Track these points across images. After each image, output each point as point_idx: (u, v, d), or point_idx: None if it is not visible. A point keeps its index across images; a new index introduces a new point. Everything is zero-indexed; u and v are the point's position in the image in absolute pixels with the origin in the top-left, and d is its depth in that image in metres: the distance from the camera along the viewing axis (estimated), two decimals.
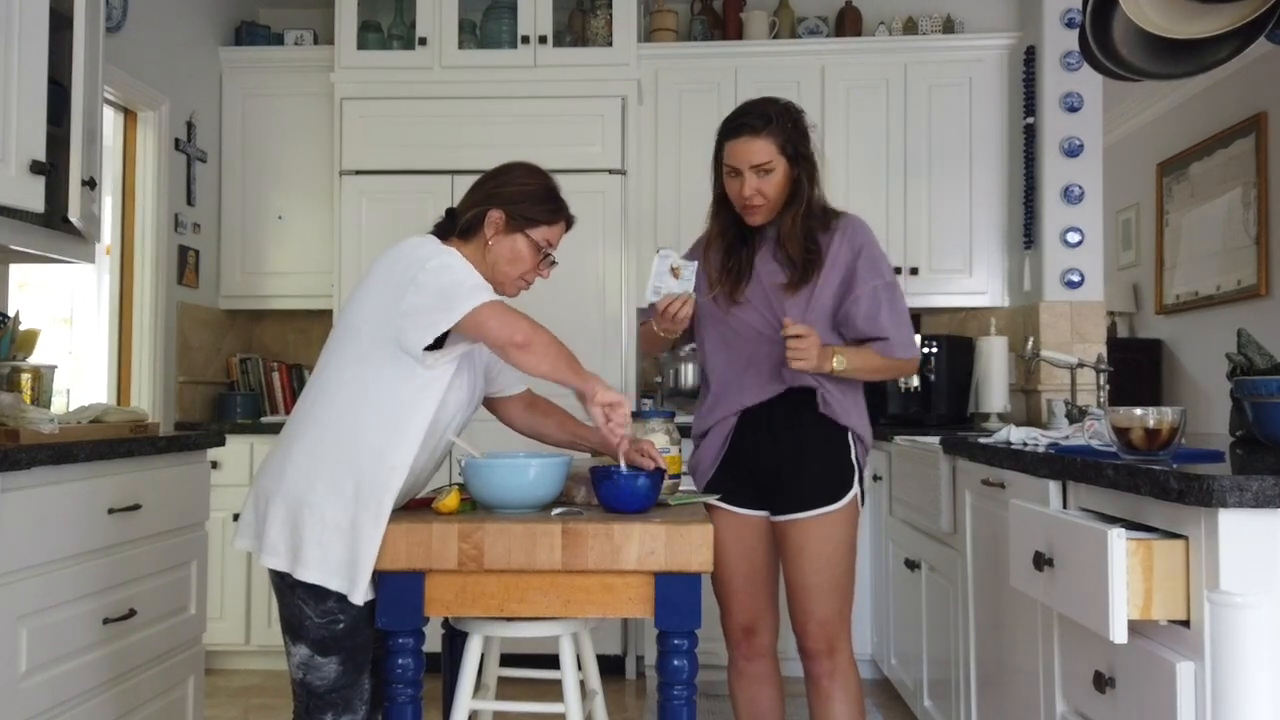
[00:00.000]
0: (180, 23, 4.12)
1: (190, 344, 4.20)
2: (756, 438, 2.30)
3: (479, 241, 2.04)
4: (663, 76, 4.28)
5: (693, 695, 1.88)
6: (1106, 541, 1.50)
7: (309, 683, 1.93)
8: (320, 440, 1.92)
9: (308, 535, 1.87)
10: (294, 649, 1.94)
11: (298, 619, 1.92)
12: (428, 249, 1.94)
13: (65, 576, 2.20)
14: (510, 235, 2.04)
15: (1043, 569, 1.75)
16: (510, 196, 2.04)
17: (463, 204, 2.09)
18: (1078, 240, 4.01)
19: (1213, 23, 2.19)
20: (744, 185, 2.21)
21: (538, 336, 1.89)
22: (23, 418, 2.20)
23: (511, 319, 1.88)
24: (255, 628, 3.99)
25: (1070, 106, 4.03)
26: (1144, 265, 6.09)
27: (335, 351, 1.98)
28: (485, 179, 2.10)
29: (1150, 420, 1.68)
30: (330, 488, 1.88)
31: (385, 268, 1.95)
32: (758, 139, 2.19)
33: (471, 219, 2.04)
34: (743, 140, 2.20)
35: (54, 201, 2.56)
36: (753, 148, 2.19)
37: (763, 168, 2.19)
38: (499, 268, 2.05)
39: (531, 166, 2.12)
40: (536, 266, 2.09)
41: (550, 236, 2.08)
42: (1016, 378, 4.15)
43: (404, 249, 1.95)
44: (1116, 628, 1.49)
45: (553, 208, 2.08)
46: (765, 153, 2.19)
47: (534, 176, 2.09)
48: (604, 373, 3.97)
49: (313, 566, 1.87)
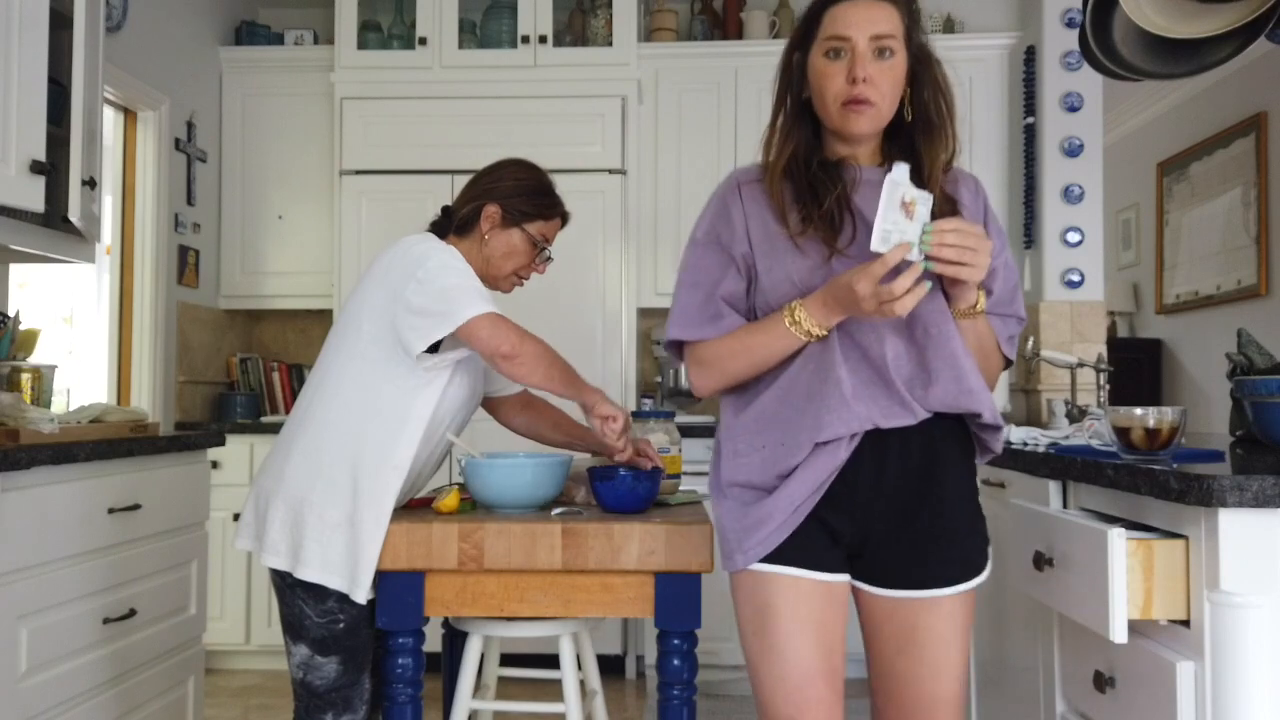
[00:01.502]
0: (180, 22, 4.12)
1: (190, 344, 4.20)
2: (885, 475, 1.54)
3: (475, 237, 2.05)
4: (663, 76, 4.28)
5: (693, 695, 1.88)
6: (1107, 541, 1.50)
7: (309, 682, 1.94)
8: (320, 440, 1.92)
9: (308, 534, 1.88)
10: (294, 648, 1.94)
11: (298, 619, 1.92)
12: (426, 246, 1.95)
13: (65, 576, 2.20)
14: (506, 230, 2.05)
15: (1043, 569, 1.75)
16: (506, 191, 2.05)
17: (458, 201, 2.10)
18: (1078, 240, 4.02)
19: (1213, 23, 2.19)
20: (855, 64, 1.49)
21: (526, 347, 1.89)
22: (23, 417, 2.20)
23: (502, 329, 1.88)
24: (255, 627, 3.99)
25: (1070, 106, 4.03)
26: (1144, 265, 6.09)
27: (335, 350, 1.98)
28: (480, 175, 2.11)
29: (1150, 420, 1.67)
30: (330, 486, 1.88)
31: (385, 266, 1.95)
32: (883, 3, 1.52)
33: (468, 214, 2.05)
34: (862, 2, 1.51)
35: (54, 201, 2.56)
36: (875, 13, 1.50)
37: (884, 41, 1.50)
38: (495, 262, 2.05)
39: (526, 162, 2.13)
40: (533, 262, 2.09)
41: (546, 231, 2.09)
42: (1017, 377, 4.15)
43: (403, 246, 1.96)
44: (1117, 627, 1.49)
45: (548, 202, 2.09)
46: (889, 22, 1.51)
47: (529, 172, 2.10)
48: (604, 373, 3.97)
49: (313, 566, 1.88)
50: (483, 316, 1.87)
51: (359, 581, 1.86)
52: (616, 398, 3.98)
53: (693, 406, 4.28)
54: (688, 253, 1.66)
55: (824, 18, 1.54)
